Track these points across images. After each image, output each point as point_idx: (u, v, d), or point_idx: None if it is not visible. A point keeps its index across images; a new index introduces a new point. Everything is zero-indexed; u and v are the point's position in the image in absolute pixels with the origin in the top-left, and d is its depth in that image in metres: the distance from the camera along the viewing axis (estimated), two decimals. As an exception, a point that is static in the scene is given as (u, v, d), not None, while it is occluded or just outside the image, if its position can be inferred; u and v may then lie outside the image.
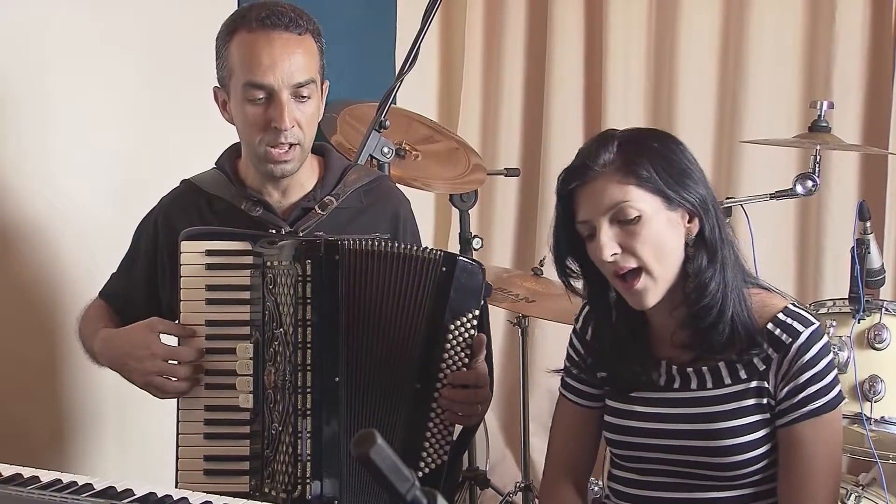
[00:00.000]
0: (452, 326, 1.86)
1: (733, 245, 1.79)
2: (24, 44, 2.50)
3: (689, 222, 1.75)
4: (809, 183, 2.65)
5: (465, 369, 1.87)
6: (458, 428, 1.94)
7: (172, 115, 2.90)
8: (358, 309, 1.84)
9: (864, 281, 2.50)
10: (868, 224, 2.55)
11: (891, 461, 2.66)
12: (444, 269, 1.85)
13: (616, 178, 1.71)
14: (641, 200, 1.71)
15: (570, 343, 1.98)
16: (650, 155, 1.73)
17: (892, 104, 3.36)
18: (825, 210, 3.47)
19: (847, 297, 2.51)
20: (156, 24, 2.85)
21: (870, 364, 2.45)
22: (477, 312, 1.87)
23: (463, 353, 1.87)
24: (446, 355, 1.86)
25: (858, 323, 2.47)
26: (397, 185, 2.31)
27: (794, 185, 2.67)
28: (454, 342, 1.86)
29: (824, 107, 2.66)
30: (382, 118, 2.48)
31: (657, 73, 3.77)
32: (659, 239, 1.72)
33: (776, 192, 2.71)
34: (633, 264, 1.72)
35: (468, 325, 1.87)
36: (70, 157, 2.63)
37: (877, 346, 2.46)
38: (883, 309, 2.47)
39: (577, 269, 1.85)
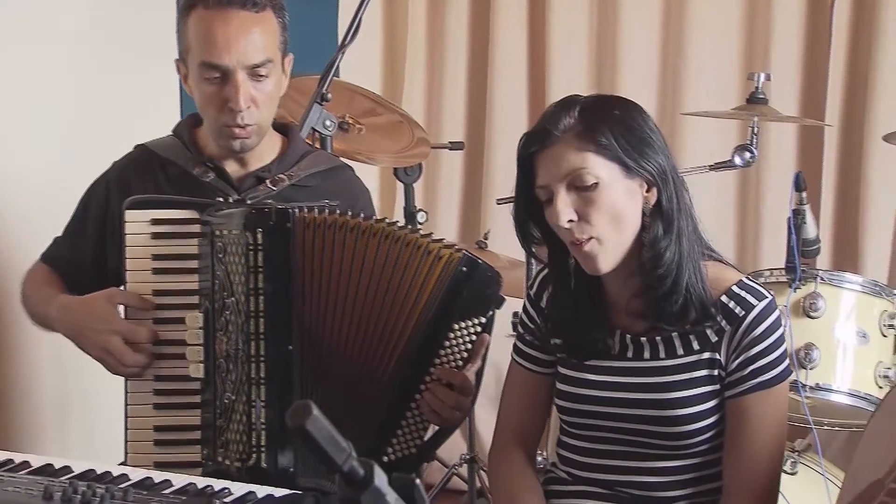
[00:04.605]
0: (457, 326, 1.85)
1: (692, 216, 1.79)
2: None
3: (647, 191, 1.75)
4: (747, 154, 2.69)
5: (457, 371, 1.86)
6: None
7: (116, 86, 2.85)
8: (318, 279, 1.84)
9: (800, 251, 2.52)
10: (804, 195, 2.56)
11: (825, 427, 2.71)
12: (464, 269, 1.83)
13: (575, 144, 1.70)
14: (599, 167, 1.70)
15: (524, 309, 1.97)
16: (611, 122, 1.72)
17: (828, 76, 3.42)
18: (763, 181, 3.51)
19: (784, 266, 2.53)
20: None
21: (805, 332, 2.47)
22: (484, 320, 1.87)
23: (459, 355, 1.87)
24: (443, 352, 1.85)
25: (794, 292, 2.49)
26: (343, 158, 2.30)
27: (733, 157, 2.70)
28: (455, 341, 1.86)
29: (762, 79, 2.69)
30: (324, 91, 2.45)
31: (599, 46, 3.78)
32: (615, 206, 1.72)
33: (715, 163, 2.75)
34: (587, 235, 1.71)
35: (472, 330, 1.86)
36: (8, 132, 2.57)
37: (812, 314, 2.47)
38: (818, 278, 2.48)
39: (539, 234, 1.83)
